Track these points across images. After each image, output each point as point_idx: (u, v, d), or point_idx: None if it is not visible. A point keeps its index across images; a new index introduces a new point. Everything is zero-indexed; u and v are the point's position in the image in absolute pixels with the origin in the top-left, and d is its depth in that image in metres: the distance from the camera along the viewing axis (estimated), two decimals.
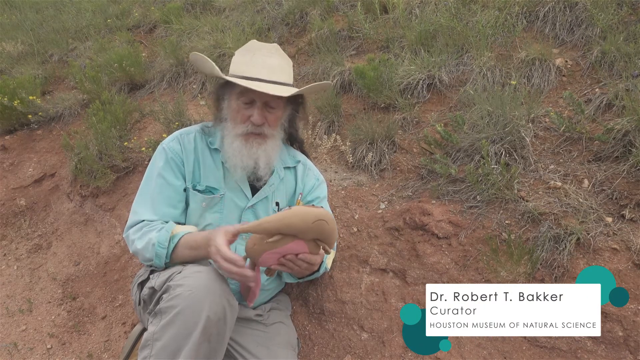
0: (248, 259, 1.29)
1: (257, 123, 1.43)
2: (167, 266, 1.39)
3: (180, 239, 1.38)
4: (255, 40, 1.51)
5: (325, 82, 1.58)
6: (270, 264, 1.29)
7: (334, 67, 2.79)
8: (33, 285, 2.67)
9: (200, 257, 1.36)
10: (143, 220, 1.45)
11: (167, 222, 1.44)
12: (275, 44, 1.52)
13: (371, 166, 2.22)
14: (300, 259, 1.27)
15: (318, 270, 1.57)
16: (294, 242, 1.23)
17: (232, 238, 1.28)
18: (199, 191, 1.50)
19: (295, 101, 1.55)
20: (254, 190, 1.56)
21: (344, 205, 2.04)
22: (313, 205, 1.27)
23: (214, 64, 1.44)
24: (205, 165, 1.53)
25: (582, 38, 2.31)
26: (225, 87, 1.49)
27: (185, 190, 1.52)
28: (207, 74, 1.45)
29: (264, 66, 1.42)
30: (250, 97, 1.42)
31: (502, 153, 1.90)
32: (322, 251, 1.31)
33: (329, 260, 1.68)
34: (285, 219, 1.20)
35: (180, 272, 1.27)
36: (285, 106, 1.52)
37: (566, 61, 2.26)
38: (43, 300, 2.55)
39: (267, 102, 1.43)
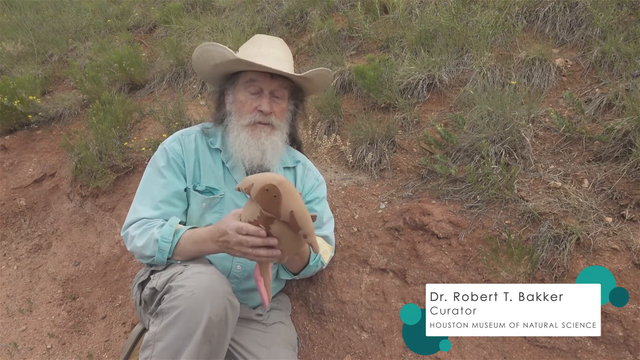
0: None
1: (266, 111, 1.45)
2: (168, 263, 1.38)
3: (183, 233, 1.38)
4: (260, 34, 1.54)
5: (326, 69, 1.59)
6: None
7: (334, 67, 2.79)
8: (33, 285, 2.67)
9: (204, 251, 1.36)
10: (143, 218, 1.45)
11: (167, 220, 1.44)
12: (280, 39, 1.54)
13: (371, 166, 2.22)
14: None
15: (308, 263, 1.57)
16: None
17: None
18: (199, 191, 1.50)
19: (297, 97, 1.58)
20: None
21: (344, 205, 2.04)
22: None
23: (224, 46, 1.42)
24: (206, 165, 1.53)
25: (582, 38, 2.31)
26: (230, 80, 1.51)
27: (185, 190, 1.52)
28: (217, 64, 1.45)
29: (272, 56, 1.44)
30: (258, 87, 1.45)
31: (502, 153, 1.90)
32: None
33: (325, 255, 1.67)
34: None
35: (181, 272, 1.27)
36: (289, 100, 1.55)
37: (566, 61, 2.26)
38: (43, 300, 2.55)
39: (274, 91, 1.46)
